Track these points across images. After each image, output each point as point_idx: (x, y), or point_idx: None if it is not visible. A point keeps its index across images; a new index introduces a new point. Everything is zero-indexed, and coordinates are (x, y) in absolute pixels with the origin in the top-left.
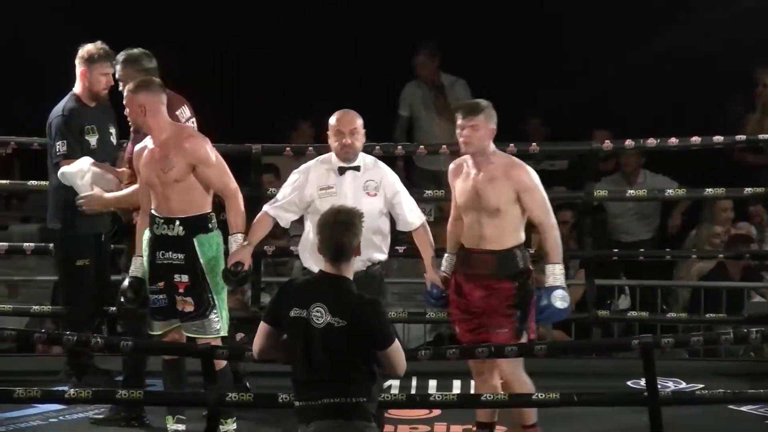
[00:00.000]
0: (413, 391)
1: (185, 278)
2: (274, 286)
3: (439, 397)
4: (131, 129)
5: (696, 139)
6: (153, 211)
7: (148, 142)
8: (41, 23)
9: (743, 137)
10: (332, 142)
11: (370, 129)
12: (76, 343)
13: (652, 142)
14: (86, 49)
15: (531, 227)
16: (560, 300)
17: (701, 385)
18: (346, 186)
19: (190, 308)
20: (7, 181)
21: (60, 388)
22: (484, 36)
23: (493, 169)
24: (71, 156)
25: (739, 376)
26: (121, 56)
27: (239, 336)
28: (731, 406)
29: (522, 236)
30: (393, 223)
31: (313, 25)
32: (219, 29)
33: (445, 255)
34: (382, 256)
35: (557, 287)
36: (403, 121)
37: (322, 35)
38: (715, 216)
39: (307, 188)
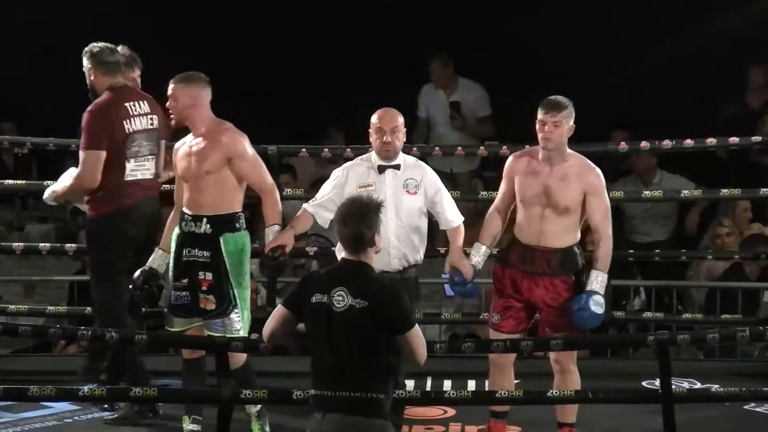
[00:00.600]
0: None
1: (209, 276)
2: (290, 289)
3: (454, 393)
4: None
5: (712, 140)
6: (184, 208)
7: (188, 138)
8: (39, 23)
9: (759, 138)
10: (373, 140)
11: None
12: (90, 338)
13: (667, 143)
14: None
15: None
16: (599, 306)
17: (717, 386)
18: (386, 184)
19: (211, 306)
20: (24, 182)
21: (75, 387)
22: (495, 34)
23: (566, 168)
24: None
25: (755, 376)
26: (85, 50)
27: (253, 336)
28: (747, 407)
29: (578, 235)
30: None
31: (314, 25)
32: (219, 29)
33: (479, 245)
34: (419, 258)
35: (598, 293)
36: (423, 123)
37: (323, 35)
38: (734, 216)
39: (346, 186)
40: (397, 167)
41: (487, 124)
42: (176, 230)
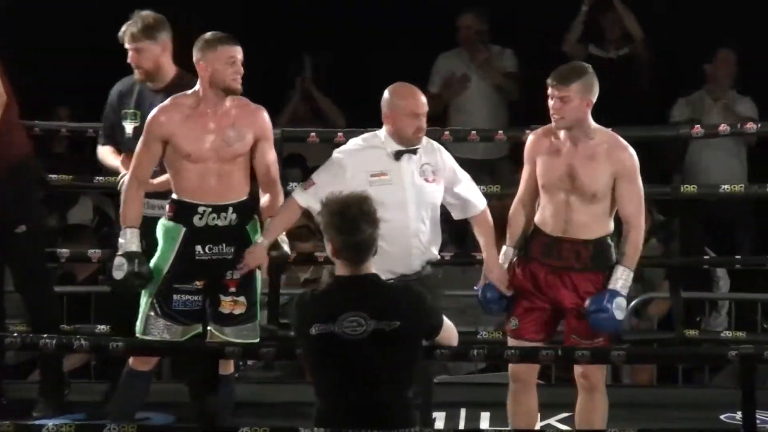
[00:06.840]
0: (461, 427)
1: (237, 275)
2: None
3: None
4: None
5: None
6: (188, 200)
7: (188, 107)
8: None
9: None
10: (403, 125)
11: None
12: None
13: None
14: None
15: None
16: (620, 310)
17: None
18: (403, 172)
19: (241, 309)
20: None
21: (37, 423)
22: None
23: (593, 146)
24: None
25: None
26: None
27: None
28: None
29: (612, 225)
30: None
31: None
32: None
33: (504, 247)
34: (437, 254)
35: (620, 294)
36: (434, 99)
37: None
38: None
39: (350, 175)
40: (414, 151)
41: (512, 79)
42: (169, 224)
